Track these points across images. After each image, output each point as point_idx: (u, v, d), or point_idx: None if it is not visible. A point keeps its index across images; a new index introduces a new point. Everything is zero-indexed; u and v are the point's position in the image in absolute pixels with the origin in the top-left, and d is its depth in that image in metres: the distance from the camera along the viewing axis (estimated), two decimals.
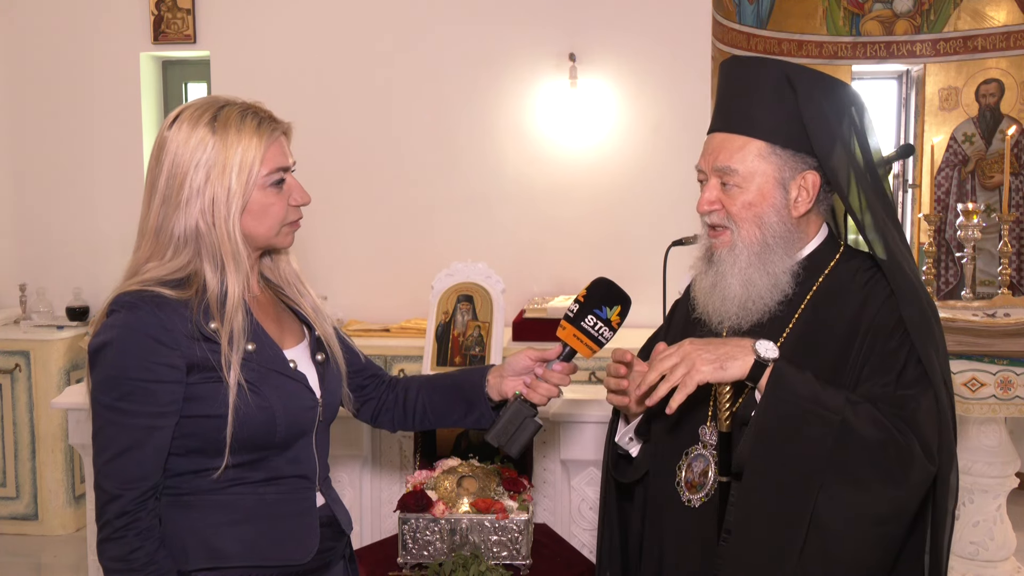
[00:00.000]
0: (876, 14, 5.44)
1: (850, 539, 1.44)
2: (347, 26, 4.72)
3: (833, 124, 1.59)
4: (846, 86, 1.66)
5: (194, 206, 1.52)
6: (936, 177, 5.42)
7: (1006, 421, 3.33)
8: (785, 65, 1.64)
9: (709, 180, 1.65)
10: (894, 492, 1.43)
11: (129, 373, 1.47)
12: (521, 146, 4.69)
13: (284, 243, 1.65)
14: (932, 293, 3.22)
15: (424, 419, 1.87)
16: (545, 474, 2.91)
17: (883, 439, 1.43)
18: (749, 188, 1.60)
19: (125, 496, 1.48)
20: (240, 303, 1.55)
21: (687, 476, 1.66)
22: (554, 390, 1.74)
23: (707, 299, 1.67)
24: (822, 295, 1.61)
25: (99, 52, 4.82)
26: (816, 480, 1.44)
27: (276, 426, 1.56)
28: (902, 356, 1.50)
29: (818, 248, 1.65)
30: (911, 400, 1.47)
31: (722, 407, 1.55)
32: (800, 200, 1.61)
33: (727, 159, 1.61)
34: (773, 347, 1.51)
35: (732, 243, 1.62)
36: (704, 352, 1.51)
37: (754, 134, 1.60)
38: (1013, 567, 3.36)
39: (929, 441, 1.45)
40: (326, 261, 4.71)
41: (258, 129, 1.55)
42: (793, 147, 1.59)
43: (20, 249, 4.95)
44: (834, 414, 1.44)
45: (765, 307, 1.61)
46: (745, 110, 1.63)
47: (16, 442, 4.46)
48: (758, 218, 1.60)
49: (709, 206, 1.64)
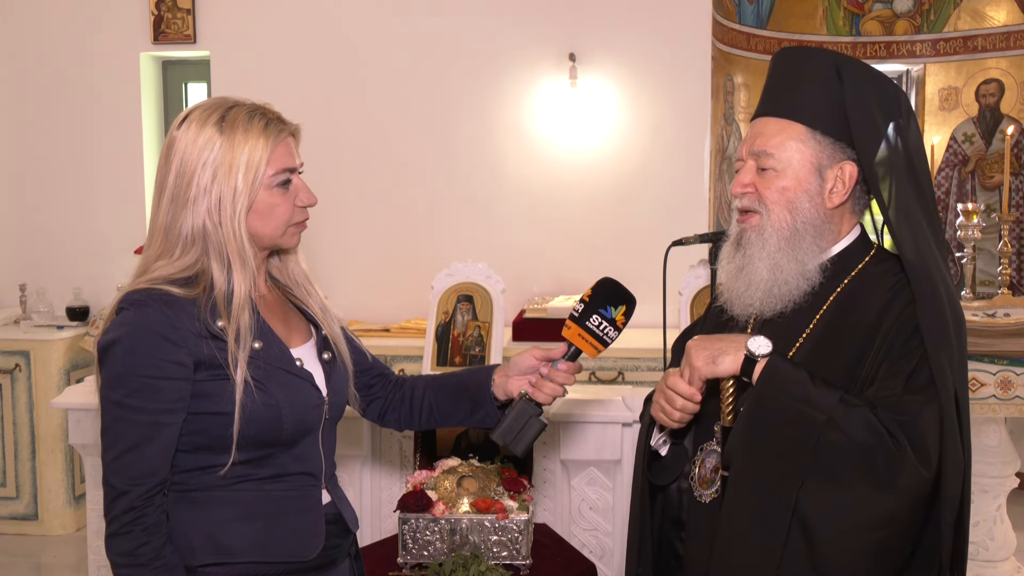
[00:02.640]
0: (876, 14, 5.44)
1: (838, 543, 1.43)
2: (347, 26, 4.72)
3: (876, 117, 1.57)
4: (891, 80, 1.64)
5: (201, 205, 1.54)
6: (936, 177, 5.42)
7: (1006, 421, 3.33)
8: (836, 55, 1.63)
9: (746, 163, 1.64)
10: (881, 496, 1.41)
11: (137, 370, 1.48)
12: (521, 146, 4.69)
13: (290, 243, 1.66)
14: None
15: (431, 418, 1.88)
16: (545, 474, 2.91)
17: (873, 442, 1.41)
18: (785, 172, 1.59)
19: (133, 492, 1.49)
20: (247, 301, 1.56)
21: (700, 472, 1.66)
22: (559, 389, 1.75)
23: (732, 283, 1.66)
24: (848, 295, 1.59)
25: (99, 52, 4.82)
26: (797, 478, 1.43)
27: (282, 423, 1.57)
28: (913, 362, 1.48)
29: (849, 247, 1.63)
30: (914, 406, 1.45)
31: (724, 402, 1.55)
32: (836, 190, 1.59)
33: (764, 143, 1.61)
34: (767, 343, 1.50)
35: (761, 227, 1.61)
36: (700, 348, 1.53)
37: (796, 118, 1.60)
38: (1013, 567, 3.36)
39: (927, 448, 1.42)
40: (326, 261, 4.71)
41: (265, 130, 1.56)
42: (833, 135, 1.58)
43: (20, 249, 4.95)
44: (820, 413, 1.43)
45: (790, 295, 1.60)
46: (790, 96, 1.62)
47: (16, 442, 4.46)
48: (790, 203, 1.59)
49: (742, 188, 1.63)
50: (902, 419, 1.44)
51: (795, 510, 1.44)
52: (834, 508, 1.43)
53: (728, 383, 1.54)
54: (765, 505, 1.46)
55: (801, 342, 1.59)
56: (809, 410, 1.44)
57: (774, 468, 1.46)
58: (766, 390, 1.48)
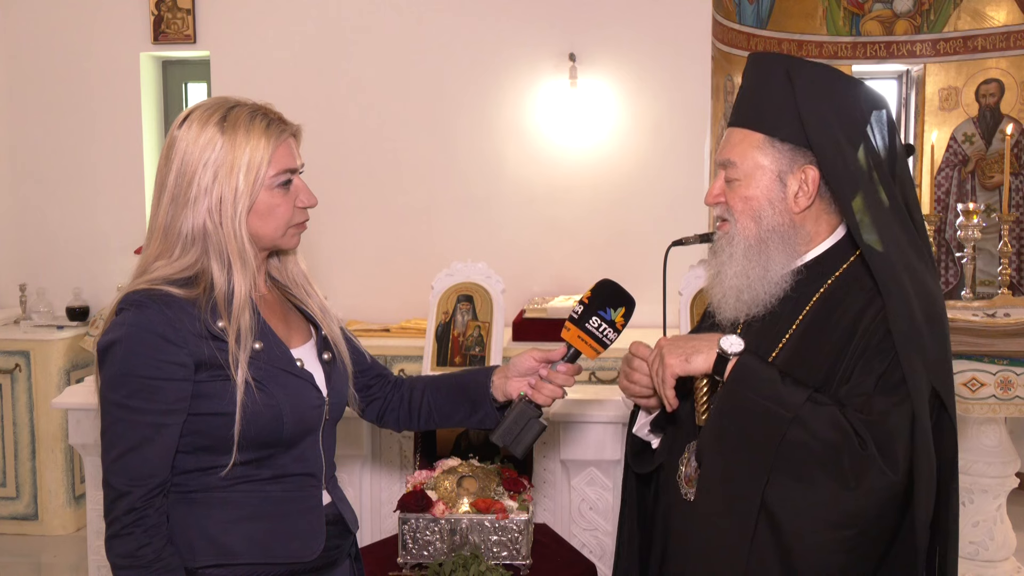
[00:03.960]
0: (876, 14, 5.44)
1: (806, 540, 1.43)
2: (347, 26, 4.72)
3: (831, 120, 1.57)
4: (857, 82, 1.64)
5: (202, 205, 1.54)
6: (936, 177, 5.42)
7: (1006, 421, 3.33)
8: (787, 60, 1.64)
9: (718, 173, 1.67)
10: (845, 494, 1.41)
11: (138, 371, 1.48)
12: (521, 146, 4.69)
13: (290, 244, 1.66)
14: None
15: (430, 419, 1.88)
16: (545, 474, 2.91)
17: (837, 441, 1.42)
18: (747, 182, 1.61)
19: (133, 493, 1.49)
20: (247, 302, 1.56)
21: (686, 471, 1.67)
22: (559, 391, 1.75)
23: (711, 289, 1.69)
24: (830, 296, 1.60)
25: (99, 52, 4.82)
26: (762, 474, 1.44)
27: (283, 424, 1.57)
28: (886, 362, 1.48)
29: (830, 250, 1.63)
30: (883, 406, 1.45)
31: (699, 401, 1.57)
32: (800, 195, 1.60)
33: (729, 152, 1.63)
34: (739, 342, 1.51)
35: (731, 235, 1.64)
36: (674, 347, 1.55)
37: (755, 127, 1.61)
38: (1013, 567, 3.36)
39: (895, 450, 1.42)
40: (326, 261, 4.72)
41: (267, 130, 1.57)
42: (792, 141, 1.59)
43: (20, 249, 4.95)
44: (788, 411, 1.44)
45: (758, 300, 1.61)
46: (750, 104, 1.64)
47: (16, 442, 4.46)
48: (754, 212, 1.61)
49: (713, 199, 1.67)
50: (869, 419, 1.44)
51: (763, 506, 1.45)
52: (799, 505, 1.43)
53: (702, 382, 1.56)
54: (734, 500, 1.47)
55: (783, 343, 1.60)
56: (776, 408, 1.45)
57: (742, 464, 1.47)
58: (736, 388, 1.50)
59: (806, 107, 1.57)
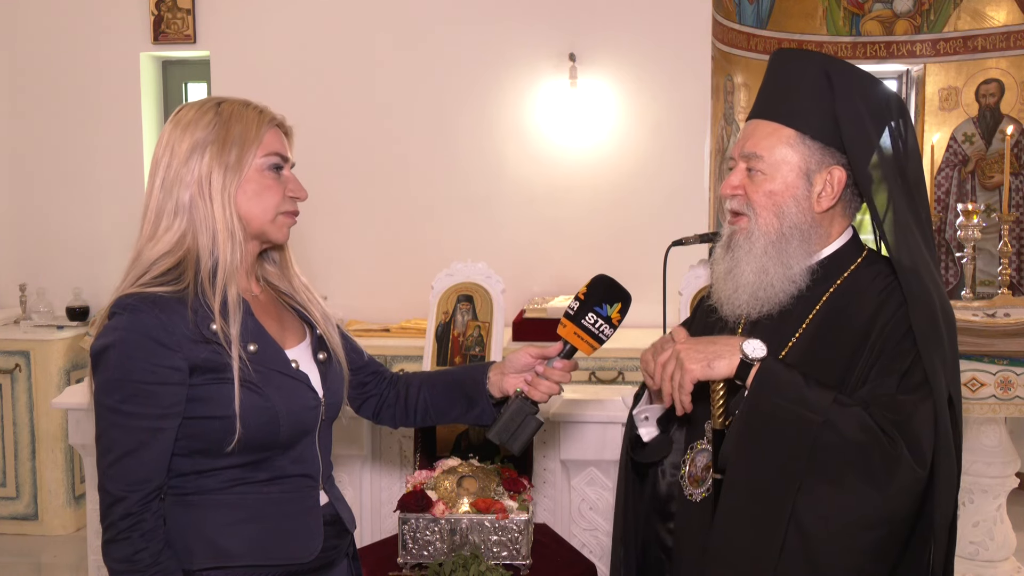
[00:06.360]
0: (876, 14, 5.44)
1: (835, 543, 1.42)
2: (347, 26, 4.72)
3: (867, 124, 1.57)
4: (888, 88, 1.65)
5: (191, 179, 1.55)
6: (936, 177, 5.42)
7: (1006, 421, 3.33)
8: (827, 60, 1.64)
9: (737, 165, 1.65)
10: (877, 495, 1.40)
11: (132, 375, 1.47)
12: (521, 146, 4.69)
13: (279, 235, 1.65)
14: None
15: (426, 416, 1.88)
16: (545, 474, 2.91)
17: (868, 441, 1.41)
18: (773, 176, 1.60)
19: (130, 498, 1.49)
20: (233, 276, 1.55)
21: (691, 470, 1.66)
22: (555, 387, 1.75)
23: (722, 285, 1.67)
24: (839, 297, 1.60)
25: (99, 52, 4.82)
26: (795, 480, 1.43)
27: (279, 426, 1.56)
28: (907, 363, 1.48)
29: (840, 250, 1.63)
30: (908, 405, 1.45)
31: (715, 404, 1.56)
32: (824, 194, 1.60)
33: (755, 145, 1.61)
34: (761, 346, 1.50)
35: (749, 230, 1.62)
36: (693, 351, 1.53)
37: (786, 122, 1.60)
38: (1013, 567, 3.36)
39: (922, 446, 1.42)
40: (326, 261, 4.71)
41: (259, 116, 1.61)
42: (823, 140, 1.59)
43: (20, 249, 4.95)
44: (817, 415, 1.43)
45: (776, 298, 1.60)
46: (781, 99, 1.63)
47: (16, 442, 4.46)
48: (778, 207, 1.59)
49: (732, 191, 1.64)
50: (896, 418, 1.44)
51: (792, 512, 1.44)
52: (832, 509, 1.42)
53: (719, 385, 1.54)
54: (762, 507, 1.46)
55: (793, 343, 1.60)
56: (805, 411, 1.44)
57: (771, 470, 1.45)
58: (761, 393, 1.48)
59: (844, 108, 1.57)
